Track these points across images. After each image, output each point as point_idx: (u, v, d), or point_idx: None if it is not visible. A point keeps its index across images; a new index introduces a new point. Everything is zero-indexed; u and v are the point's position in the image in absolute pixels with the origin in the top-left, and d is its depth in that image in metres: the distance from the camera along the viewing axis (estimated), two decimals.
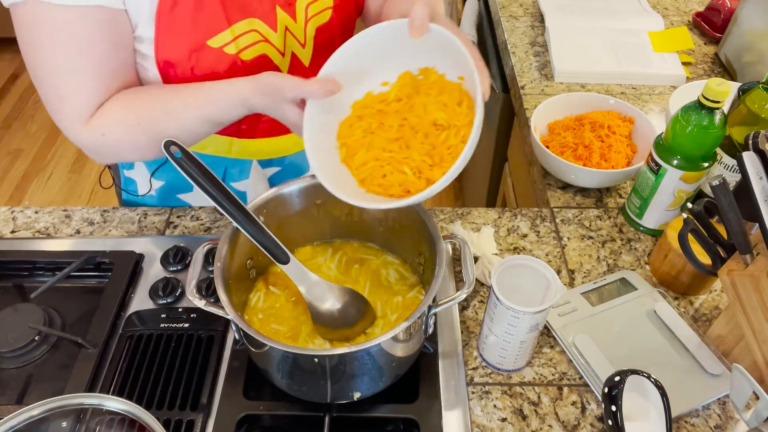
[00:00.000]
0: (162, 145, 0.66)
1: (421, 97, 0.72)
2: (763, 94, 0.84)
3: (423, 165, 0.70)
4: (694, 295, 0.88)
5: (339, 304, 0.76)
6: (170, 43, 0.79)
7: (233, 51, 0.82)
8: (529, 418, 0.75)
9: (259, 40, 0.84)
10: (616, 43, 1.35)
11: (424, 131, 0.71)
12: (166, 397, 0.75)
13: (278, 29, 0.85)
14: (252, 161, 1.01)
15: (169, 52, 0.80)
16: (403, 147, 0.71)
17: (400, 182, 0.71)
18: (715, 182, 0.69)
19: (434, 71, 0.72)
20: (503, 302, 0.69)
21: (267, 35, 0.85)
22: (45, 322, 0.82)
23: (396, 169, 0.71)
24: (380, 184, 0.72)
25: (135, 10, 0.77)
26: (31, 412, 0.64)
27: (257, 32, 0.84)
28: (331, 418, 0.74)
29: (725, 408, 0.76)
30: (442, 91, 0.71)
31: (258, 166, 1.02)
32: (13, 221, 0.99)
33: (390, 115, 0.73)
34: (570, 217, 0.99)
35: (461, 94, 0.70)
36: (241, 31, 0.82)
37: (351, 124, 0.74)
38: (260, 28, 0.84)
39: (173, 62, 0.81)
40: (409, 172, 0.70)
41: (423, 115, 0.71)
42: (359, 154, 0.72)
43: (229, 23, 0.81)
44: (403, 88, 0.73)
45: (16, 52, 3.21)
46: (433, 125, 0.71)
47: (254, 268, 0.80)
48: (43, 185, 2.58)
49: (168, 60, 0.80)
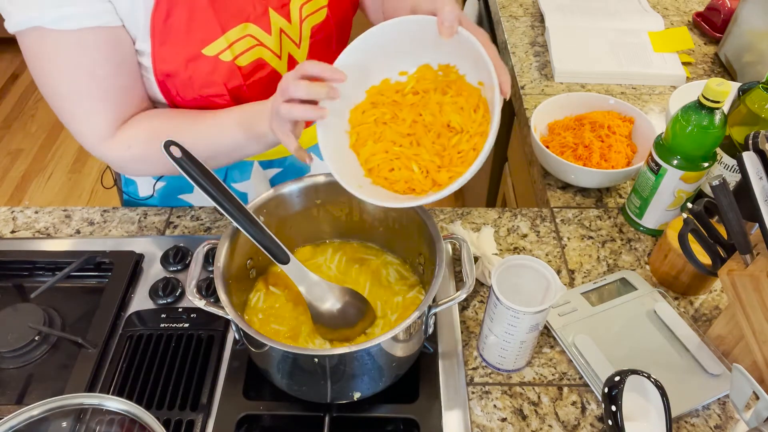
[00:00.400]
0: (162, 146, 0.66)
1: (437, 95, 0.72)
2: (763, 94, 0.84)
3: (431, 165, 0.70)
4: (694, 295, 0.88)
5: (339, 304, 0.76)
6: (166, 54, 0.80)
7: (229, 58, 0.82)
8: (529, 418, 0.75)
9: (255, 44, 0.84)
10: (616, 43, 1.35)
11: (437, 131, 0.71)
12: (166, 397, 0.75)
13: (273, 32, 0.85)
14: (253, 162, 1.01)
15: (166, 63, 0.80)
16: (414, 144, 0.71)
17: (406, 179, 0.71)
18: (715, 182, 0.69)
19: (455, 70, 0.72)
20: (503, 302, 0.69)
21: (262, 39, 0.85)
22: (45, 322, 0.82)
23: (404, 165, 0.71)
24: (387, 177, 0.72)
25: (132, 24, 0.78)
26: (31, 412, 0.64)
27: (252, 37, 0.84)
28: (331, 418, 0.74)
29: (725, 408, 0.76)
30: (460, 92, 0.71)
31: (259, 167, 1.02)
32: (13, 221, 0.99)
33: (405, 108, 0.72)
34: (570, 217, 0.99)
35: (479, 101, 0.70)
36: (235, 37, 0.82)
37: (364, 110, 0.74)
38: (255, 33, 0.84)
39: (171, 73, 0.81)
40: (416, 170, 0.70)
41: (438, 115, 0.71)
42: (369, 144, 0.72)
43: (222, 31, 0.81)
44: (420, 82, 0.73)
45: (16, 52, 3.21)
46: (447, 127, 0.71)
47: (254, 268, 0.80)
48: (43, 185, 2.58)
49: (166, 71, 0.81)
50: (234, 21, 0.82)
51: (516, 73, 1.32)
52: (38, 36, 0.74)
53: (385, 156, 0.72)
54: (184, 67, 0.81)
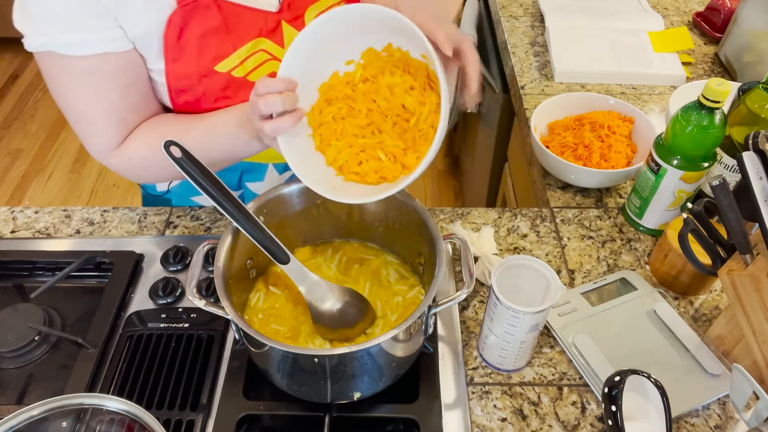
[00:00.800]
0: (162, 146, 0.66)
1: (387, 77, 0.71)
2: (763, 94, 0.84)
3: (397, 150, 0.70)
4: (694, 295, 0.88)
5: (339, 305, 0.76)
6: (179, 71, 0.81)
7: (241, 74, 0.83)
8: (529, 418, 0.75)
9: (267, 59, 0.85)
10: (616, 43, 1.35)
11: (394, 115, 0.71)
12: (166, 397, 0.75)
13: (286, 45, 0.85)
14: (268, 165, 1.01)
15: (179, 79, 0.81)
16: (376, 132, 0.72)
17: (375, 169, 0.71)
18: (715, 182, 0.69)
19: (398, 48, 0.72)
20: (503, 302, 0.69)
21: (275, 53, 0.85)
22: (45, 322, 0.82)
23: (371, 156, 0.71)
24: (357, 171, 0.72)
25: (144, 45, 0.79)
26: (31, 412, 0.64)
27: (265, 51, 0.84)
28: (331, 418, 0.73)
29: (725, 408, 0.76)
30: (408, 70, 0.71)
31: (274, 170, 1.01)
32: (13, 221, 0.99)
33: (359, 98, 0.72)
34: (570, 217, 0.99)
35: (428, 73, 0.70)
36: (247, 53, 0.83)
37: (321, 109, 0.74)
38: (267, 47, 0.84)
39: (185, 88, 0.82)
40: (384, 158, 0.71)
41: (391, 98, 0.71)
42: (333, 143, 0.73)
43: (234, 48, 0.82)
44: (368, 68, 0.73)
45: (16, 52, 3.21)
46: (402, 108, 0.71)
47: (254, 268, 0.80)
48: (43, 185, 2.58)
49: (180, 87, 0.82)
50: (246, 37, 0.82)
51: (516, 73, 1.32)
52: (50, 58, 0.76)
53: (350, 151, 0.72)
54: (197, 83, 0.82)
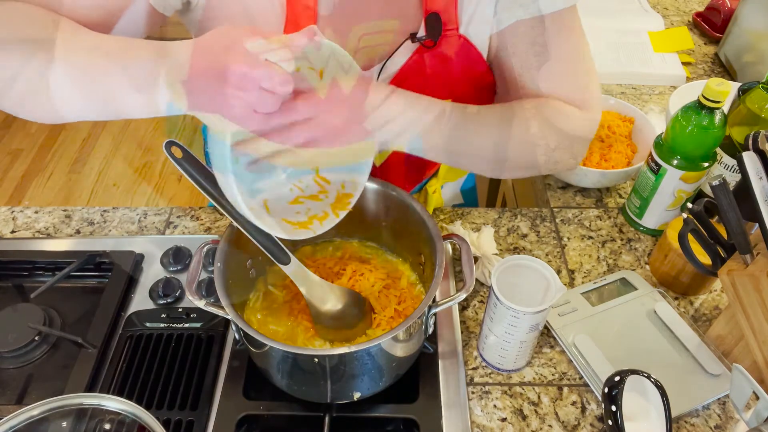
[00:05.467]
0: (163, 146, 0.66)
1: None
2: (763, 94, 0.84)
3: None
4: (694, 295, 0.88)
5: (339, 305, 0.76)
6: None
7: None
8: (529, 418, 0.75)
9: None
10: (616, 43, 1.35)
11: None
12: (166, 397, 0.75)
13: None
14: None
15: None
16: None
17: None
18: (715, 182, 0.69)
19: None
20: (503, 302, 0.69)
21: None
22: (45, 322, 0.82)
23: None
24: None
25: None
26: (31, 412, 0.64)
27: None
28: (331, 418, 0.73)
29: (725, 408, 0.76)
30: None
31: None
32: (13, 221, 0.99)
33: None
34: (570, 217, 0.99)
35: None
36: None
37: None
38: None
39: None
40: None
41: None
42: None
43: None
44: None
45: None
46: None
47: (254, 268, 0.80)
48: (43, 185, 2.58)
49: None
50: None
51: None
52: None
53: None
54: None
